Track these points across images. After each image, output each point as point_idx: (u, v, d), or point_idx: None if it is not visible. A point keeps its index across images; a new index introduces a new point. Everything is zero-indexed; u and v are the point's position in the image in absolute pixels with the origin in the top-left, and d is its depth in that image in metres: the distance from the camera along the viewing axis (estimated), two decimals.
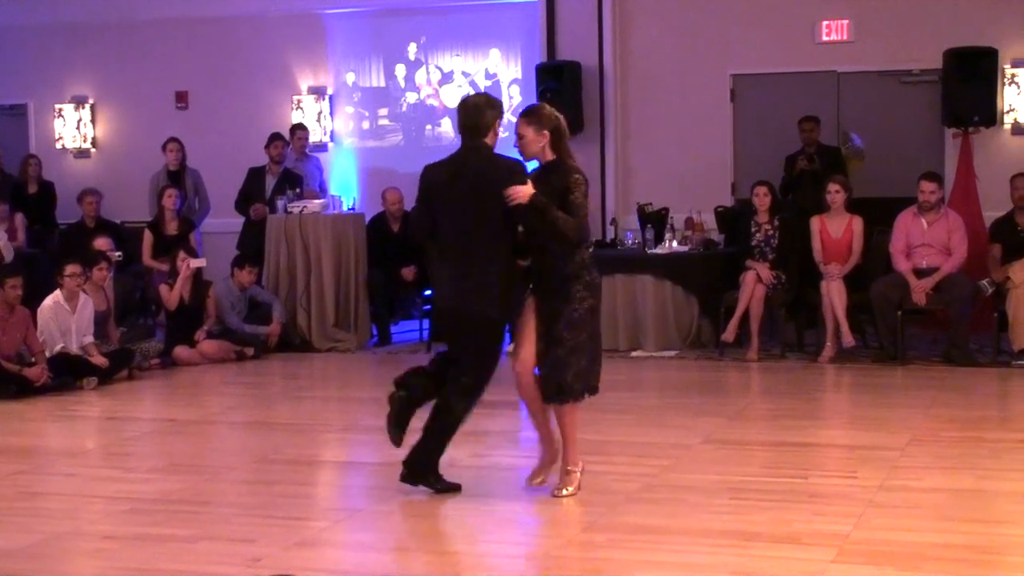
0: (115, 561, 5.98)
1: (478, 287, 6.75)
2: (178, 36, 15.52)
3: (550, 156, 6.87)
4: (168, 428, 9.33)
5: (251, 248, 13.21)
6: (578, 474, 6.90)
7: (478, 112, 7.00)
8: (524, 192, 6.66)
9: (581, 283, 6.78)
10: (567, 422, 6.89)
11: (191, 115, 15.50)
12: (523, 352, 6.81)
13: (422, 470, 6.97)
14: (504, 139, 7.50)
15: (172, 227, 13.13)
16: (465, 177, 6.85)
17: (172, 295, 12.02)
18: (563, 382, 6.77)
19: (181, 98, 15.62)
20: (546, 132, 6.85)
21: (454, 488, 6.97)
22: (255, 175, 13.70)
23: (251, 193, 13.62)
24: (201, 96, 15.53)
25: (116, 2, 15.54)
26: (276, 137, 13.76)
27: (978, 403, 9.59)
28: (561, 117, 6.93)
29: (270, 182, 13.57)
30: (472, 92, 14.30)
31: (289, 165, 13.75)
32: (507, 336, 7.02)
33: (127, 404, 10.36)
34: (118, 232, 13.75)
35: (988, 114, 12.68)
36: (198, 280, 12.21)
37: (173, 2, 15.40)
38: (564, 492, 6.85)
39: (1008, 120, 13.00)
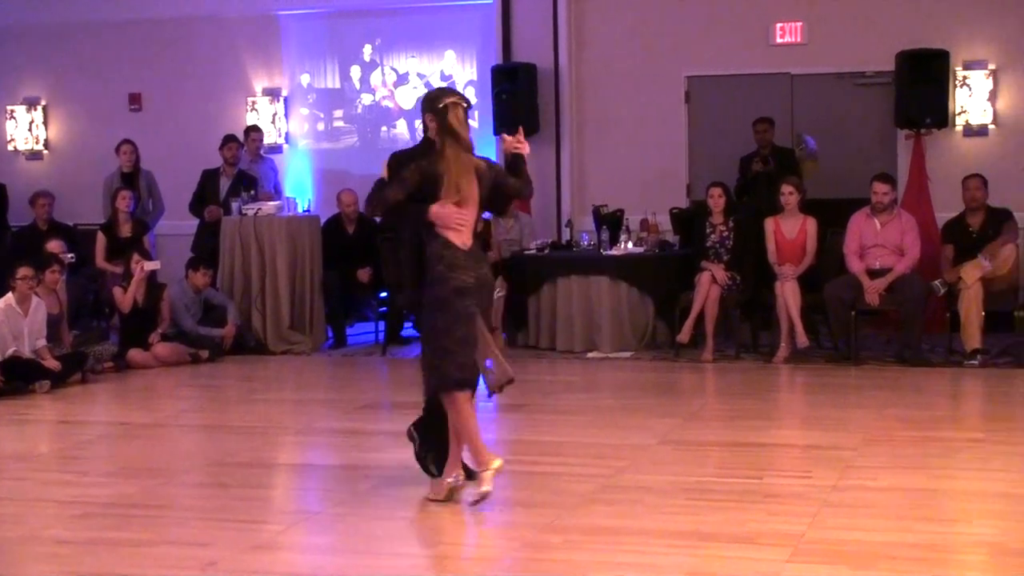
0: (68, 566, 5.94)
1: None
2: (132, 37, 15.42)
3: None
4: (122, 432, 9.27)
5: (205, 250, 13.15)
6: (455, 476, 6.86)
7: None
8: None
9: (428, 278, 6.71)
10: (451, 419, 6.81)
11: (145, 117, 15.41)
12: None
13: (423, 451, 7.08)
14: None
15: (125, 229, 13.05)
16: None
17: (126, 298, 11.95)
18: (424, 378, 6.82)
19: (135, 100, 15.53)
20: (432, 118, 6.79)
21: (446, 496, 6.88)
22: (209, 177, 13.64)
23: (205, 195, 13.56)
24: (155, 98, 15.44)
25: (69, 3, 15.44)
26: (230, 139, 13.70)
27: (931, 403, 9.66)
28: (447, 110, 6.68)
29: (224, 184, 13.50)
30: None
31: (243, 167, 13.69)
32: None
33: (80, 408, 10.29)
34: (71, 234, 13.66)
35: (940, 116, 12.79)
36: (152, 283, 12.14)
37: (127, 3, 15.30)
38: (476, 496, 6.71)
39: (960, 122, 13.09)
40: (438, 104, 6.74)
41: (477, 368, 6.76)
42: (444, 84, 14.50)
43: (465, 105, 6.78)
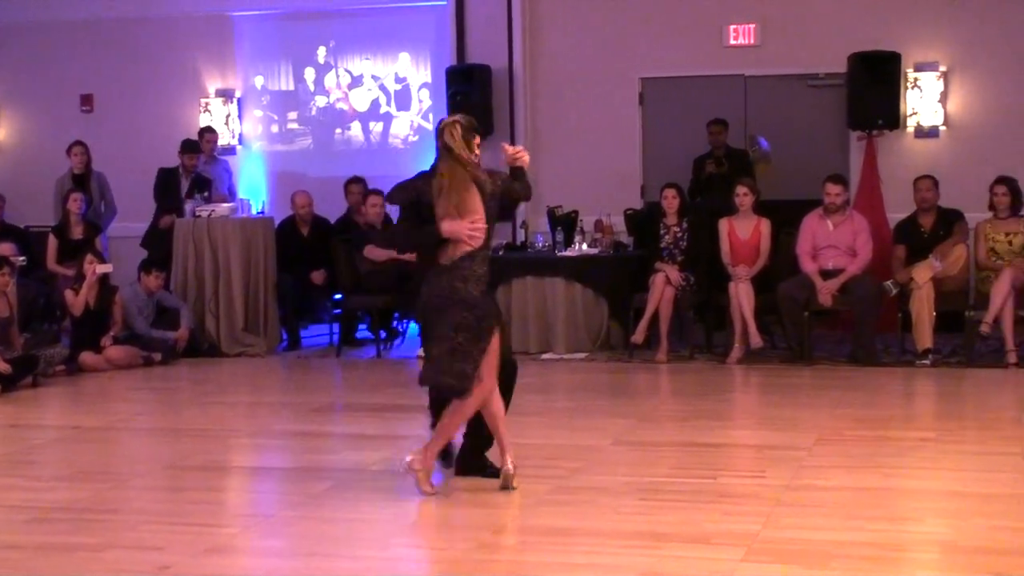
0: (20, 571, 5.88)
1: None
2: (83, 38, 15.33)
3: None
4: (74, 435, 9.20)
5: (157, 251, 13.05)
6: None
7: None
8: None
9: (468, 296, 6.98)
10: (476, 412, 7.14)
11: (96, 118, 15.32)
12: None
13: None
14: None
15: (77, 231, 12.97)
16: None
17: (78, 300, 11.87)
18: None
19: (86, 101, 15.44)
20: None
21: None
22: (169, 175, 13.50)
23: (168, 193, 13.42)
24: (107, 99, 15.35)
25: (20, 3, 15.33)
26: (191, 147, 13.55)
27: (883, 402, 9.72)
28: (444, 130, 6.99)
29: (184, 185, 13.41)
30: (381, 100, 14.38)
31: (199, 168, 13.62)
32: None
33: (31, 411, 10.21)
34: (22, 237, 13.57)
35: (892, 117, 12.88)
36: (104, 285, 12.06)
37: (78, 3, 15.21)
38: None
39: (911, 123, 13.19)
40: (440, 128, 7.06)
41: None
42: (399, 87, 14.51)
43: (463, 123, 6.99)
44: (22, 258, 12.40)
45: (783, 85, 13.56)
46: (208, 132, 14.12)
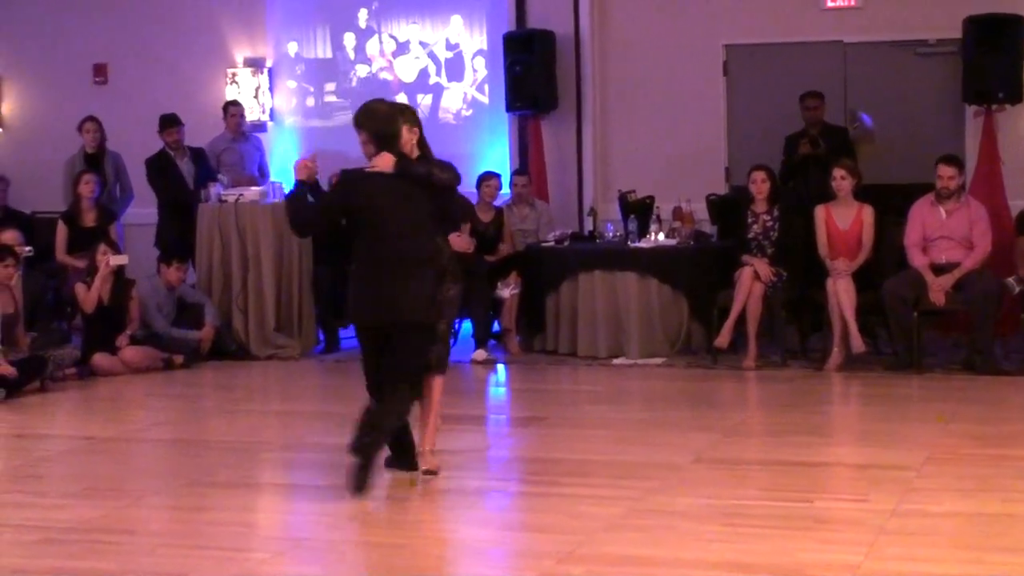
0: None
1: None
2: (96, 2, 15.43)
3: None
4: (86, 447, 9.27)
5: (170, 242, 13.06)
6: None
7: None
8: None
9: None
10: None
11: (111, 91, 15.42)
12: None
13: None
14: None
15: (90, 218, 13.06)
16: None
17: (90, 295, 11.95)
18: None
19: (99, 72, 15.55)
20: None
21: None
22: (160, 163, 13.49)
23: (170, 181, 13.48)
24: (122, 70, 15.45)
25: None
26: (170, 122, 13.58)
27: (1004, 416, 9.63)
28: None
29: (187, 167, 13.46)
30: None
31: (223, 145, 13.73)
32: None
33: (39, 419, 10.31)
34: (28, 224, 13.68)
35: (1013, 90, 12.73)
36: (119, 278, 12.14)
37: None
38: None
39: None
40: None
41: None
42: (450, 55, 14.52)
43: None
44: (28, 248, 12.48)
45: (888, 53, 13.47)
46: (233, 106, 14.17)
